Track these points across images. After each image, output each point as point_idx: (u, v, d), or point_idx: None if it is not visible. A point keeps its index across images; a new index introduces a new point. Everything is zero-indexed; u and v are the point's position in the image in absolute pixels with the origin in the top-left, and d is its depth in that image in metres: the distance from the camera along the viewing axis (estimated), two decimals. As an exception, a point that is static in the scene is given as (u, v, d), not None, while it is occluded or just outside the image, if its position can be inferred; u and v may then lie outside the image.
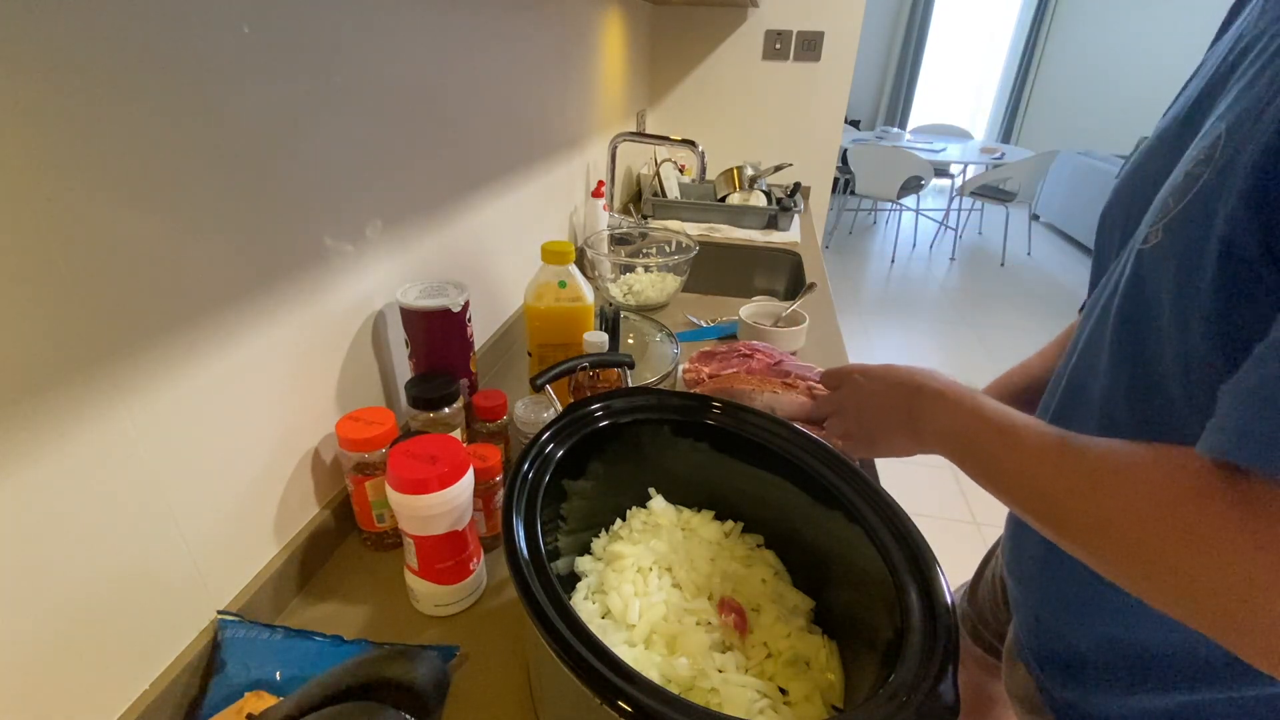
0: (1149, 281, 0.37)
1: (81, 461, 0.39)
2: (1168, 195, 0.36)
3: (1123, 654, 0.47)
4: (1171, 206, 0.35)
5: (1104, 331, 0.43)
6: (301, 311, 0.57)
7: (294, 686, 0.45)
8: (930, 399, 0.48)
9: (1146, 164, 0.45)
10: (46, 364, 0.36)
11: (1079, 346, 0.47)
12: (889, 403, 0.52)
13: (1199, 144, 0.35)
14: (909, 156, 3.84)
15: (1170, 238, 0.35)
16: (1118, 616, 0.46)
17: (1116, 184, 0.49)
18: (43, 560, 0.37)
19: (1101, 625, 0.47)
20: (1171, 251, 0.35)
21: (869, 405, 0.54)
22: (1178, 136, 0.41)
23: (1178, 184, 0.35)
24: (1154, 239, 0.36)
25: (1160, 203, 0.37)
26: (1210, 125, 0.35)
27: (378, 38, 0.63)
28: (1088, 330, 0.46)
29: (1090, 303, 0.48)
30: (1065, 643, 0.51)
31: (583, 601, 0.49)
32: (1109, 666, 0.48)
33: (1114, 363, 0.42)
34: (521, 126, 1.04)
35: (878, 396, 0.53)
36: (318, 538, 0.61)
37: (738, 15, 2.00)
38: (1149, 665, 0.45)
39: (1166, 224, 0.35)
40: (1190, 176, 0.34)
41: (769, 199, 1.77)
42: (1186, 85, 0.45)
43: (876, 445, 0.54)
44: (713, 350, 0.87)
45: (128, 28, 0.38)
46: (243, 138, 0.48)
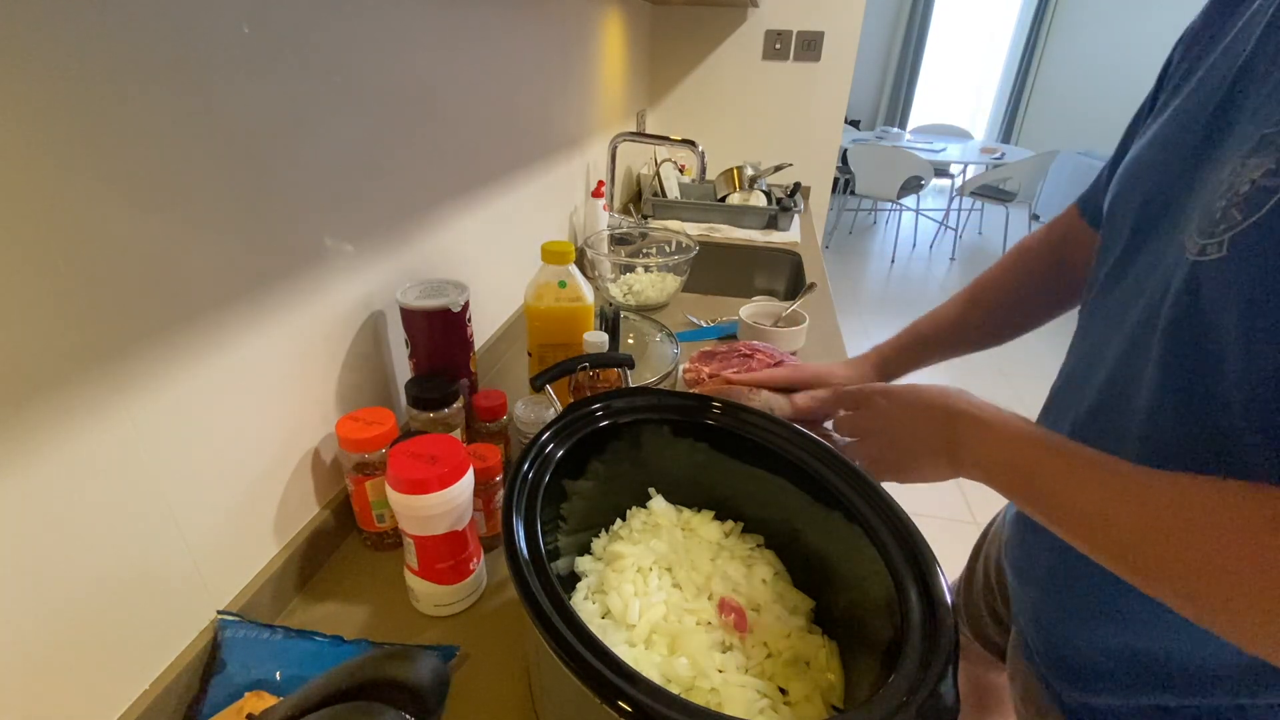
0: (1210, 295, 0.35)
1: (81, 462, 0.39)
2: (1227, 205, 0.34)
3: (1136, 661, 0.46)
4: (1239, 219, 0.33)
5: (1149, 341, 0.40)
6: (301, 311, 0.57)
7: (294, 686, 0.45)
8: (971, 426, 0.46)
9: (1161, 160, 0.43)
10: (47, 364, 0.36)
11: (1112, 355, 0.45)
12: (922, 429, 0.49)
13: (1248, 157, 0.33)
14: (909, 156, 3.84)
15: (1241, 252, 0.33)
16: (1135, 626, 0.45)
17: (1126, 173, 0.47)
18: (43, 560, 0.37)
19: (1117, 634, 0.47)
20: (1243, 267, 0.33)
21: (899, 431, 0.51)
22: (1197, 139, 0.39)
23: (1242, 194, 0.33)
24: (1215, 252, 0.34)
25: (1220, 213, 0.34)
26: (1254, 140, 0.33)
27: (377, 38, 0.63)
28: (1122, 339, 0.44)
29: (1117, 304, 0.46)
30: (1074, 647, 0.50)
31: (583, 601, 0.49)
32: (1120, 672, 0.47)
33: (1163, 376, 0.39)
34: (521, 126, 1.04)
35: (908, 422, 0.51)
36: (318, 538, 0.61)
37: (738, 15, 2.00)
38: (1163, 672, 0.45)
39: (1234, 238, 0.33)
40: (1262, 190, 0.32)
41: (769, 199, 1.77)
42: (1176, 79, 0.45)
43: (907, 472, 0.51)
44: (713, 350, 0.87)
45: (127, 27, 0.38)
46: (242, 138, 0.48)
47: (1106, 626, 0.47)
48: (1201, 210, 0.36)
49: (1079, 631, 0.50)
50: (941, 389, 0.50)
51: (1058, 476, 0.40)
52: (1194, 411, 0.38)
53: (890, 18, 5.40)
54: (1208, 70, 0.41)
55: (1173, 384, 0.39)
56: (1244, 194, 0.33)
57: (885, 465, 0.53)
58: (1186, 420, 0.38)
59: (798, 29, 1.99)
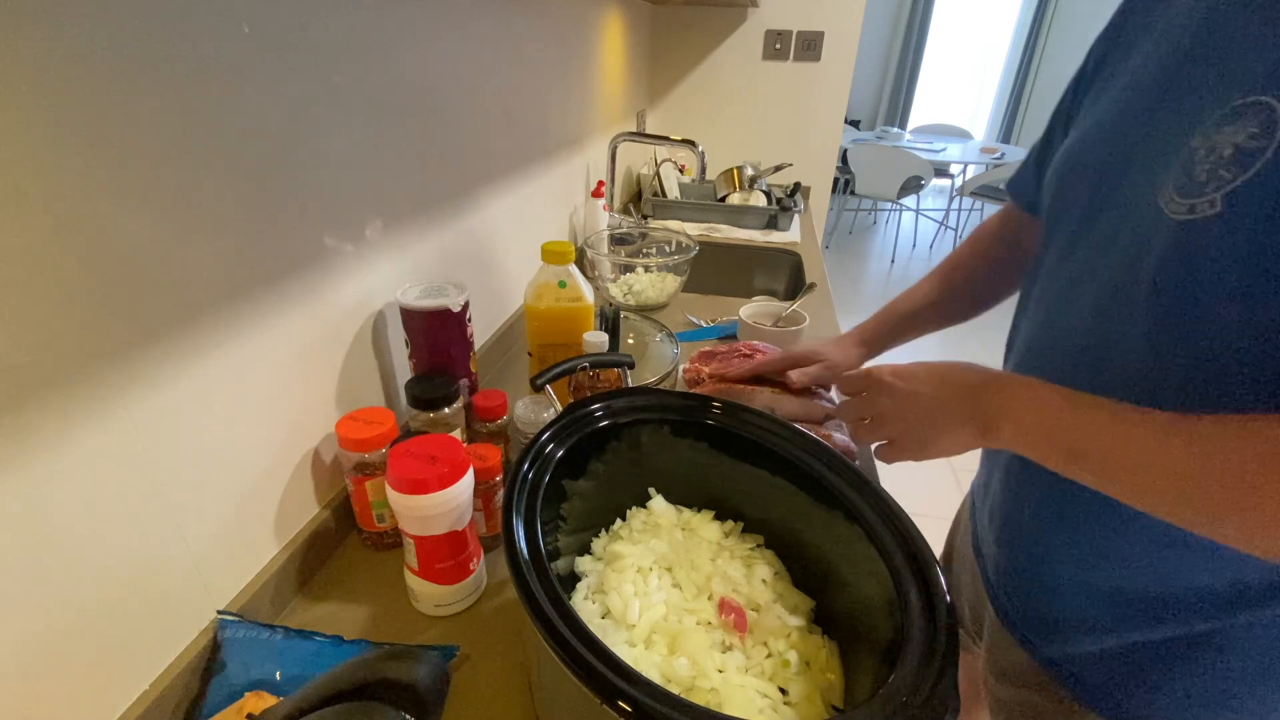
0: (1205, 250, 0.37)
1: (82, 461, 0.39)
2: (1213, 168, 0.36)
3: (1123, 600, 0.48)
4: (1229, 178, 0.35)
5: (1130, 302, 0.42)
6: (301, 311, 0.57)
7: (294, 686, 0.45)
8: (1001, 394, 0.46)
9: (1111, 136, 0.46)
10: (47, 364, 0.36)
11: (1086, 319, 0.46)
12: (942, 401, 0.50)
13: (1232, 122, 0.36)
14: (909, 156, 3.84)
15: (1238, 207, 0.35)
16: (1127, 567, 0.47)
17: (1076, 149, 0.50)
18: (43, 560, 0.37)
19: (1109, 577, 0.48)
20: (1240, 220, 0.35)
21: (916, 406, 0.51)
22: (1152, 112, 0.43)
23: (1227, 156, 0.35)
24: (1208, 210, 0.36)
25: (1204, 175, 0.37)
26: (1232, 103, 0.36)
27: (378, 38, 0.63)
28: (1093, 301, 0.46)
29: (1071, 269, 0.49)
30: (1060, 602, 0.52)
31: (583, 601, 0.49)
32: (1106, 616, 0.49)
33: (1157, 333, 0.41)
34: (521, 126, 1.04)
35: (924, 397, 0.51)
36: (318, 538, 0.61)
37: (738, 15, 2.00)
38: (1148, 607, 0.47)
39: (1229, 195, 0.35)
40: (1250, 152, 0.34)
41: (769, 199, 1.77)
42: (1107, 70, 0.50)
43: (929, 447, 0.51)
44: (713, 350, 0.87)
45: (128, 27, 0.38)
46: (243, 138, 0.48)
47: (1100, 571, 0.49)
48: (1178, 176, 0.38)
49: (1070, 582, 0.51)
50: (950, 364, 0.51)
51: (1101, 430, 0.40)
52: (1186, 366, 0.39)
53: (890, 18, 5.39)
54: (1144, 58, 0.46)
55: (1172, 341, 0.40)
56: (1229, 156, 0.36)
57: (905, 445, 0.53)
58: (1178, 376, 0.40)
59: (798, 29, 1.99)
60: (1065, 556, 0.51)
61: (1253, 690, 0.45)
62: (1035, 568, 0.55)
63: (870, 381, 0.56)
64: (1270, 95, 0.34)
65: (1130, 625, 0.48)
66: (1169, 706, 0.48)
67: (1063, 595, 0.52)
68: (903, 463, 0.54)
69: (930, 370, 0.52)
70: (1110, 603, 0.49)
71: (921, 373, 0.52)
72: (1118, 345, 0.44)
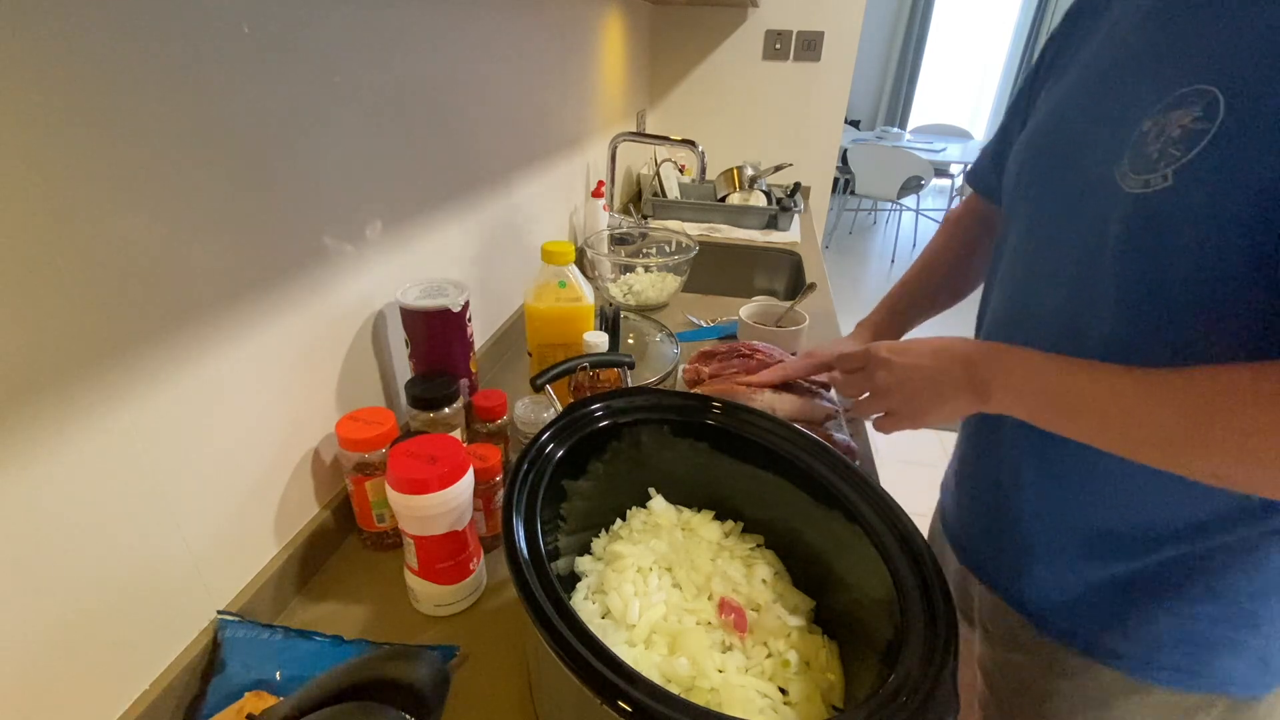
0: (1163, 223, 0.41)
1: (81, 461, 0.39)
2: (1163, 147, 0.41)
3: (1099, 541, 0.52)
4: (1178, 156, 0.40)
5: (1098, 274, 0.46)
6: (301, 311, 0.57)
7: (294, 686, 0.45)
8: (996, 360, 0.49)
9: (1068, 121, 0.51)
10: (47, 364, 0.36)
11: (1059, 288, 0.50)
12: (939, 372, 0.53)
13: (1174, 105, 0.41)
14: (909, 156, 3.84)
15: (1187, 182, 0.39)
16: (1104, 506, 0.51)
17: (1035, 134, 0.55)
18: (42, 560, 0.37)
19: (1089, 515, 0.52)
20: (1191, 194, 0.39)
21: (915, 378, 0.54)
22: (1103, 97, 0.48)
23: (1175, 137, 0.40)
24: (1161, 183, 0.41)
25: (1156, 153, 0.41)
26: (1180, 91, 0.41)
27: (378, 38, 0.63)
28: (1063, 272, 0.49)
29: (1034, 243, 0.53)
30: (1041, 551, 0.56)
31: (583, 601, 0.49)
32: (1081, 561, 0.53)
33: (1124, 301, 0.45)
34: (521, 126, 1.04)
35: (924, 369, 0.54)
36: (318, 538, 0.61)
37: (738, 15, 2.00)
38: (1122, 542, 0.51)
39: (1178, 170, 0.40)
40: (1194, 133, 0.39)
41: (769, 199, 1.77)
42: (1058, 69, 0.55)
43: (927, 415, 0.55)
44: (713, 350, 0.87)
45: (128, 27, 0.38)
46: (243, 138, 0.48)
47: (1075, 514, 0.53)
48: (1132, 155, 0.43)
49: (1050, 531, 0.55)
50: (951, 337, 0.54)
51: (1093, 389, 0.44)
52: (1159, 328, 0.43)
53: (890, 18, 5.39)
54: (1094, 53, 0.51)
55: (1138, 305, 0.44)
56: (1177, 136, 0.40)
57: (903, 414, 0.57)
58: (1145, 332, 0.44)
59: (798, 29, 1.99)
60: (1043, 508, 0.55)
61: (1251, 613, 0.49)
62: (1013, 524, 0.58)
63: (869, 358, 0.59)
64: (1212, 84, 0.39)
65: (1116, 559, 0.52)
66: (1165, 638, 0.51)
67: (1044, 546, 0.56)
68: (900, 431, 0.58)
69: (926, 344, 0.55)
70: (1097, 542, 0.52)
71: (917, 347, 0.55)
72: (1089, 312, 0.47)
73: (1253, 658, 0.50)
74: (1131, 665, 0.52)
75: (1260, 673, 0.50)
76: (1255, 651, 0.49)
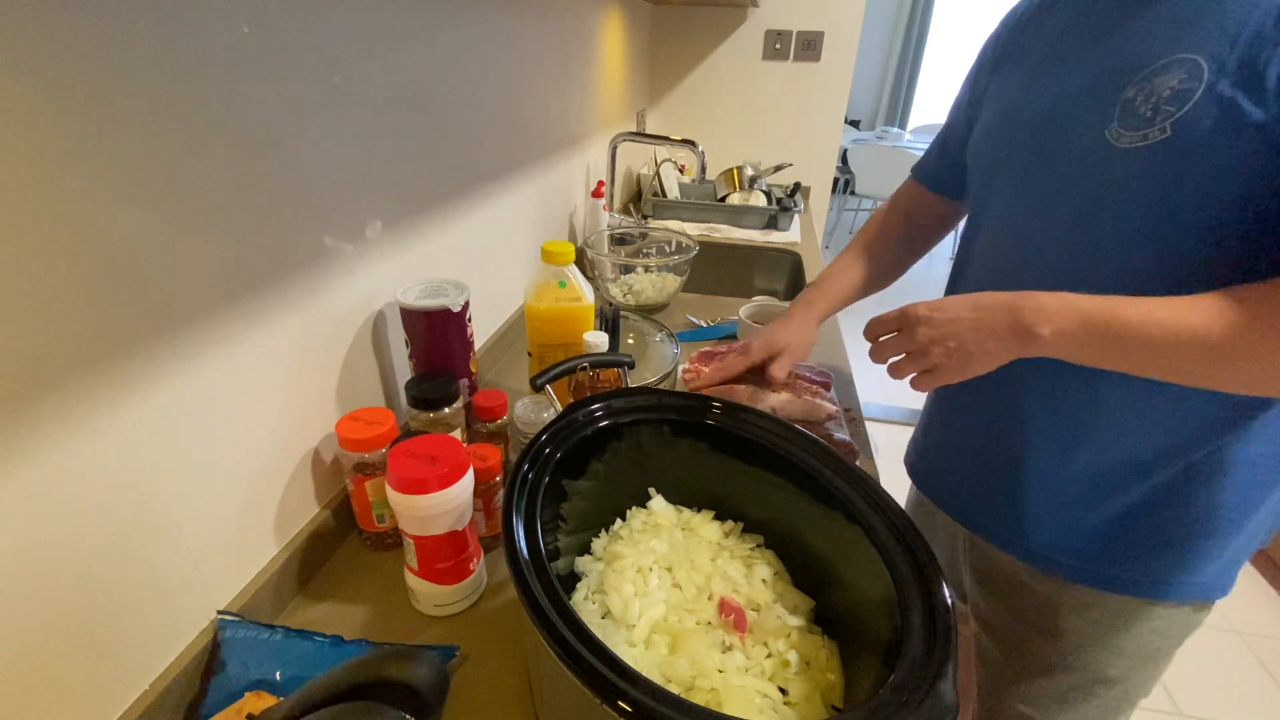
0: (1162, 169, 0.47)
1: (81, 461, 0.39)
2: (1157, 104, 0.47)
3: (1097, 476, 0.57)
4: (1172, 111, 0.46)
5: (1097, 228, 0.51)
6: (301, 311, 0.57)
7: (294, 686, 0.45)
8: (1036, 304, 0.51)
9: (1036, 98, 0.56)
10: (47, 363, 0.36)
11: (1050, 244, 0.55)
12: (984, 321, 0.54)
13: (1163, 74, 0.47)
14: (909, 156, 3.84)
15: (1182, 131, 0.45)
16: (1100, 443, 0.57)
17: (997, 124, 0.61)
18: (42, 560, 0.37)
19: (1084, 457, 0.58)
20: (1187, 142, 0.45)
21: (960, 330, 0.55)
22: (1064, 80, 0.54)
23: (1165, 96, 0.46)
24: (1160, 135, 0.46)
25: (1150, 110, 0.47)
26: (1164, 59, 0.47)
27: (378, 38, 0.63)
28: (1057, 228, 0.55)
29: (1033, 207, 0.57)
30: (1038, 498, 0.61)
31: (583, 601, 0.49)
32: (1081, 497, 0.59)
33: (1124, 247, 0.50)
34: (521, 126, 1.04)
35: (967, 319, 0.55)
36: (318, 538, 0.61)
37: (738, 15, 2.00)
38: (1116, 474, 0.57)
39: (1176, 122, 0.45)
40: (1181, 91, 0.45)
41: (769, 199, 1.77)
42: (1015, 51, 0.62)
43: (972, 365, 0.56)
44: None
45: (127, 27, 0.38)
46: (243, 138, 0.48)
47: (1077, 454, 0.58)
48: (1122, 117, 0.49)
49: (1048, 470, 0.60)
50: (980, 291, 0.56)
51: (1134, 312, 0.47)
52: (1154, 269, 0.49)
53: (890, 18, 5.39)
54: (1049, 46, 0.57)
55: (1134, 249, 0.50)
56: (1168, 96, 0.46)
57: (947, 369, 0.58)
58: (1148, 278, 0.49)
59: (798, 29, 1.99)
60: (1044, 450, 0.60)
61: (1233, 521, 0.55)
62: (1012, 471, 0.62)
63: (907, 319, 0.59)
64: (1194, 54, 0.46)
65: (1113, 492, 0.57)
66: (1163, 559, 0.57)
67: (1044, 488, 0.61)
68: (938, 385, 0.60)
69: (961, 299, 0.56)
70: (1096, 477, 0.58)
71: (954, 303, 0.56)
72: (1087, 268, 0.52)
73: (1229, 559, 0.57)
74: (1136, 588, 0.58)
75: (1232, 572, 0.58)
76: (1232, 553, 0.57)
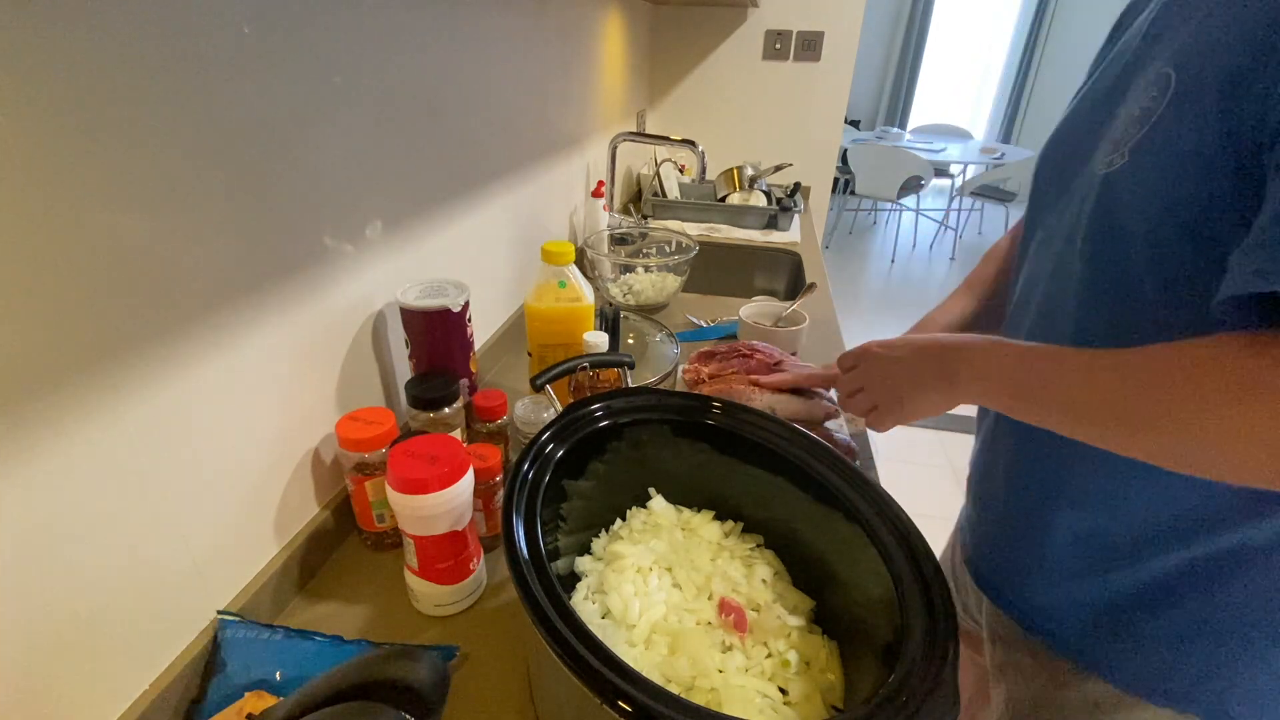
0: (1119, 200, 0.42)
1: (81, 461, 0.39)
2: (1125, 126, 0.42)
3: (1089, 544, 0.51)
4: (1133, 133, 0.41)
5: (1071, 257, 0.47)
6: (301, 311, 0.57)
7: (294, 686, 0.45)
8: (960, 350, 0.51)
9: (1078, 120, 0.52)
10: (47, 364, 0.36)
11: (1044, 276, 0.51)
12: (917, 364, 0.54)
13: (1145, 89, 0.42)
14: (909, 156, 3.84)
15: (1139, 158, 0.41)
16: (1091, 507, 0.50)
17: (1051, 137, 0.55)
18: (42, 560, 0.37)
19: (1074, 520, 0.51)
20: (1142, 170, 0.41)
21: (895, 371, 0.56)
22: (1108, 94, 0.48)
23: (1134, 116, 0.42)
24: (1120, 161, 0.42)
25: (1120, 133, 0.43)
26: (1150, 75, 0.42)
27: (378, 38, 0.63)
28: (1050, 260, 0.51)
29: (1042, 236, 0.53)
30: (1030, 552, 0.56)
31: (583, 601, 0.49)
32: (1072, 563, 0.52)
33: (1088, 282, 0.46)
34: (521, 126, 1.04)
35: (903, 361, 0.55)
36: (318, 538, 0.61)
37: (738, 15, 2.00)
38: (1110, 548, 0.50)
39: (1132, 147, 0.41)
40: (1146, 111, 0.41)
41: (769, 199, 1.77)
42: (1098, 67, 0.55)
43: (905, 406, 0.56)
44: (713, 350, 0.87)
45: (127, 27, 0.38)
46: (243, 138, 0.48)
47: (1065, 514, 0.52)
48: (1106, 140, 0.45)
49: (1038, 527, 0.54)
50: (929, 334, 0.55)
51: (1042, 370, 0.44)
52: (1117, 310, 0.44)
53: (890, 18, 5.39)
54: (1123, 43, 0.50)
55: (1099, 289, 0.45)
56: (1136, 116, 0.42)
57: (887, 407, 0.57)
58: (1113, 320, 0.45)
59: (798, 29, 1.99)
60: (1031, 500, 0.55)
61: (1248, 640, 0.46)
62: (1007, 520, 0.58)
63: (860, 354, 0.61)
64: (1170, 65, 0.40)
65: (1110, 567, 0.51)
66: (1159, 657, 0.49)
67: (1034, 544, 0.55)
68: (892, 429, 0.59)
69: (910, 340, 0.56)
70: (1083, 546, 0.52)
71: (902, 342, 0.57)
72: (1059, 302, 0.49)
73: (1246, 691, 0.46)
74: (1127, 681, 0.51)
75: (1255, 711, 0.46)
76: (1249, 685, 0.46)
